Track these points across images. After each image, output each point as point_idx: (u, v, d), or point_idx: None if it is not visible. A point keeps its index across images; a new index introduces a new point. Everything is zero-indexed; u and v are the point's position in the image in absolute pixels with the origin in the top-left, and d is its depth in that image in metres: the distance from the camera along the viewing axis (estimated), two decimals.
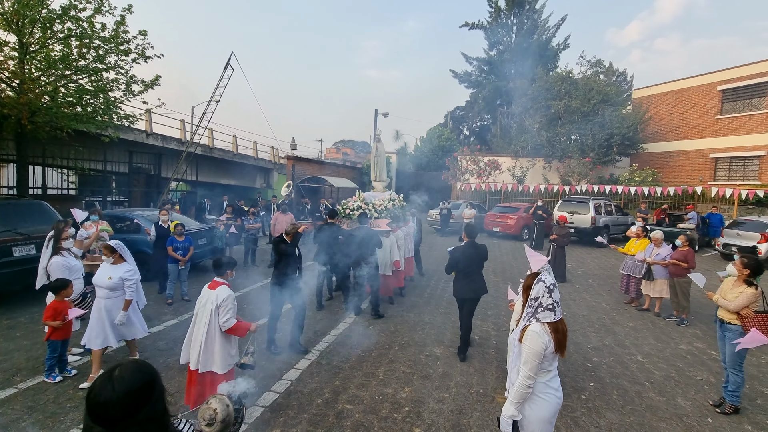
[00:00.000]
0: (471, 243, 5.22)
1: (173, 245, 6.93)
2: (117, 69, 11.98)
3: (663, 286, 7.09)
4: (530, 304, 2.54)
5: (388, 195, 8.70)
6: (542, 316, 2.46)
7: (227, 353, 3.63)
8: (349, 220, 7.83)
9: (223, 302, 3.52)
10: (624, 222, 16.24)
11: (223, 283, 3.66)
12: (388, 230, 7.43)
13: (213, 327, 3.54)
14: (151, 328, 5.88)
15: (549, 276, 2.52)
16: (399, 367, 4.86)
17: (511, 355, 2.69)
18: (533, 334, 2.43)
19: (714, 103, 19.43)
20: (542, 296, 2.49)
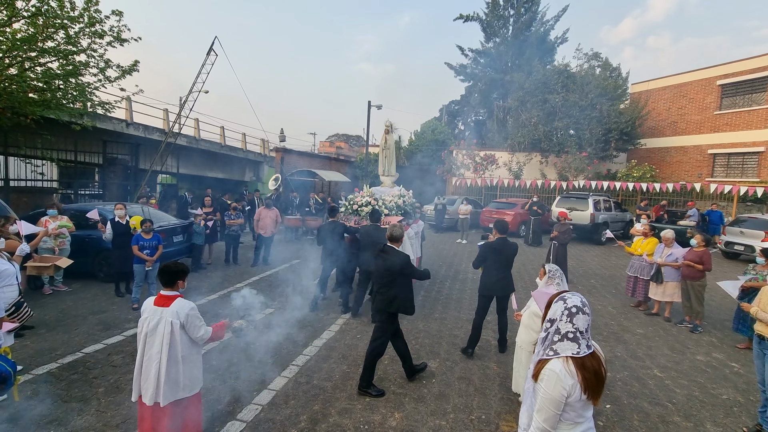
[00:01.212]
0: (502, 239, 5.07)
1: (139, 244, 6.22)
2: (90, 52, 11.12)
3: (674, 289, 6.57)
4: (546, 327, 1.94)
5: (397, 190, 8.11)
6: (561, 347, 1.85)
7: (196, 368, 3.09)
8: (357, 216, 7.28)
9: (188, 317, 2.95)
10: (623, 219, 15.81)
11: (176, 296, 3.05)
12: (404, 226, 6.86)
13: (175, 351, 2.93)
14: (108, 338, 5.21)
15: (574, 297, 1.92)
16: (389, 387, 4.25)
17: (525, 395, 2.08)
18: (551, 375, 1.81)
19: (713, 98, 19.02)
20: (560, 320, 1.88)
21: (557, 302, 1.92)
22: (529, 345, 3.70)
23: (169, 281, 3.08)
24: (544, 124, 20.69)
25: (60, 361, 4.58)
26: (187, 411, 3.08)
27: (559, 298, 1.93)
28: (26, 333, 5.26)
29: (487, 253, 5.01)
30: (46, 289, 6.85)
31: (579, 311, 1.86)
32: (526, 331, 3.78)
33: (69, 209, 8.09)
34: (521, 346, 3.83)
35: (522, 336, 3.85)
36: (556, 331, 1.87)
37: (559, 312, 1.88)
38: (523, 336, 3.82)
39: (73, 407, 3.72)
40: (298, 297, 7.11)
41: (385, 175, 8.69)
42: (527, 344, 3.74)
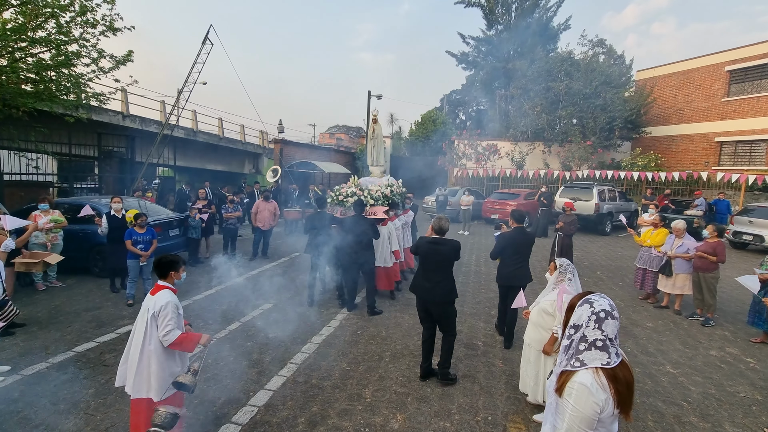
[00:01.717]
0: (519, 229, 5.08)
1: (132, 238, 6.03)
2: (82, 42, 10.83)
3: (685, 281, 6.36)
4: (569, 334, 1.72)
5: (385, 180, 7.93)
6: (588, 357, 1.64)
7: (168, 373, 2.87)
8: (343, 207, 7.13)
9: (162, 310, 2.81)
10: (628, 209, 15.54)
11: (165, 287, 2.96)
12: (384, 218, 6.71)
13: (148, 342, 2.83)
14: (101, 336, 5.05)
15: (602, 299, 1.70)
16: (390, 386, 4.08)
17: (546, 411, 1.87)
18: (581, 389, 1.60)
19: (721, 85, 18.59)
20: (586, 326, 1.66)
21: (582, 305, 1.70)
22: (538, 343, 3.51)
23: (162, 272, 3.02)
24: (548, 113, 20.32)
25: (50, 360, 4.42)
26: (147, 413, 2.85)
27: (584, 300, 1.72)
28: (17, 331, 5.11)
29: (505, 244, 4.99)
30: (40, 285, 6.69)
31: (608, 316, 1.65)
32: (535, 329, 3.58)
33: (62, 203, 7.91)
34: (529, 344, 3.64)
35: (530, 334, 3.65)
36: (582, 339, 1.66)
37: (585, 317, 1.67)
38: (532, 334, 3.63)
39: (61, 410, 3.56)
40: (297, 291, 6.94)
41: (373, 165, 8.50)
42: (536, 342, 3.54)
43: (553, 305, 3.39)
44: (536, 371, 3.53)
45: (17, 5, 9.80)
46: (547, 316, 3.43)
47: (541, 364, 3.49)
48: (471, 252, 10.68)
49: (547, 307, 3.42)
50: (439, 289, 4.02)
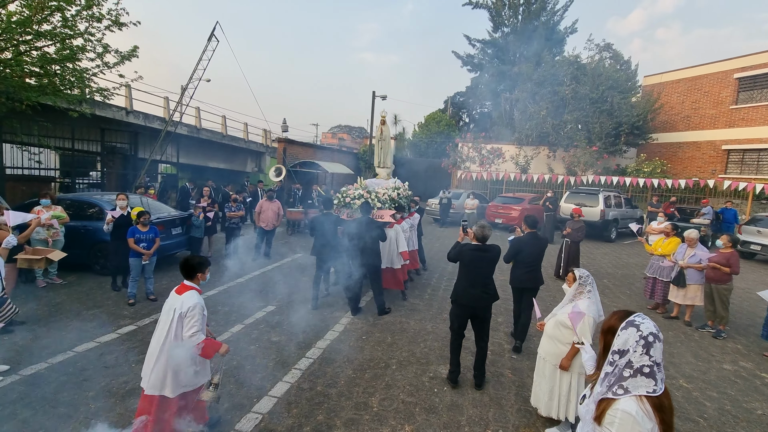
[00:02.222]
0: (533, 234, 5.29)
1: (135, 236, 5.93)
2: (87, 36, 10.75)
3: (696, 292, 6.24)
4: (612, 360, 1.61)
5: (392, 183, 7.87)
6: (633, 385, 1.54)
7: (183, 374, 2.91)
8: (349, 209, 7.06)
9: (189, 311, 2.87)
10: (633, 216, 15.42)
11: (192, 288, 3.02)
12: (390, 221, 6.66)
13: (170, 340, 2.88)
14: (102, 336, 4.95)
15: (647, 321, 1.60)
16: (398, 395, 3.97)
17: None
18: (626, 418, 1.49)
19: (729, 92, 18.46)
20: (633, 351, 1.56)
21: (627, 329, 1.59)
22: (555, 357, 3.37)
23: (188, 274, 3.06)
24: (553, 117, 20.21)
25: (50, 361, 4.33)
26: (167, 412, 2.91)
27: (628, 323, 1.60)
28: (16, 329, 5.01)
29: (518, 248, 5.15)
30: (40, 282, 6.60)
31: (656, 339, 1.54)
32: (551, 343, 3.44)
33: (65, 199, 7.82)
34: (544, 357, 3.49)
35: (546, 347, 3.51)
36: (628, 365, 1.55)
37: (632, 342, 1.56)
38: (547, 347, 3.48)
39: (60, 413, 3.46)
40: (301, 294, 6.84)
41: (380, 166, 8.46)
42: (552, 356, 3.40)
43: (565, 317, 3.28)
44: (551, 386, 3.39)
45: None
46: (564, 329, 3.30)
47: (557, 380, 3.35)
48: None
49: (565, 320, 3.29)
50: (487, 294, 4.12)
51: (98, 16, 10.82)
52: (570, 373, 3.27)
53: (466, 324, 4.20)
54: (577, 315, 2.95)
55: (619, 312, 1.74)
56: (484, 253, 4.15)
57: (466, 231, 4.48)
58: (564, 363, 3.26)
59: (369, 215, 6.19)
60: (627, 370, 1.56)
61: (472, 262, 4.14)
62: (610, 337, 1.66)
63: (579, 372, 3.27)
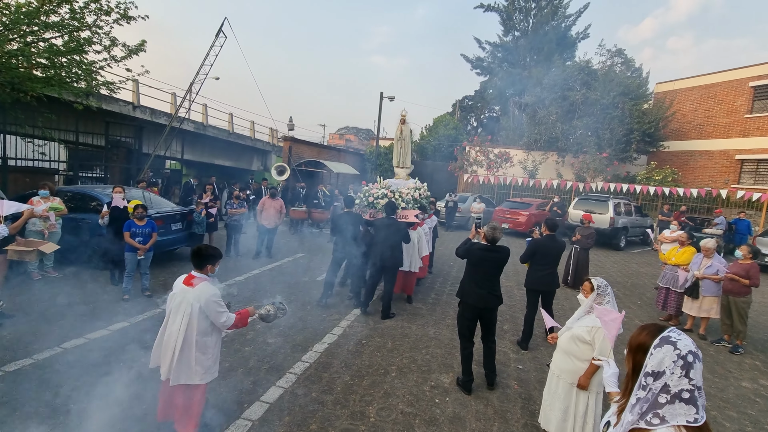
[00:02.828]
0: (551, 236, 5.40)
1: (131, 230, 5.78)
2: (95, 29, 10.70)
3: (712, 304, 5.96)
4: (645, 384, 1.38)
5: (412, 183, 7.72)
6: (671, 413, 1.31)
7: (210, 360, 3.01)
8: (373, 209, 6.97)
9: (208, 304, 2.89)
10: (643, 224, 15.07)
11: (203, 279, 3.01)
12: (415, 222, 6.51)
13: (191, 334, 2.92)
14: (92, 332, 4.78)
15: (683, 337, 1.38)
16: (396, 404, 3.75)
17: None
18: None
19: (744, 101, 18.07)
20: (669, 373, 1.34)
21: (662, 347, 1.37)
22: (571, 375, 3.11)
23: (199, 264, 3.04)
24: (563, 122, 19.92)
25: (36, 357, 4.16)
26: (192, 399, 2.99)
27: (663, 340, 1.38)
28: (5, 322, 4.85)
29: (535, 249, 5.26)
30: (35, 274, 6.46)
31: (695, 359, 1.32)
32: (566, 358, 3.18)
33: (65, 191, 7.71)
34: (558, 375, 3.23)
35: (559, 363, 3.23)
36: (664, 390, 1.33)
37: (669, 362, 1.33)
38: (561, 363, 3.21)
39: (42, 413, 3.28)
40: (301, 295, 6.65)
41: (399, 166, 8.26)
42: (568, 374, 3.13)
43: (590, 332, 3.00)
44: (565, 406, 3.13)
45: None
46: (582, 344, 3.05)
47: (572, 399, 3.09)
48: None
49: (582, 333, 3.04)
50: (493, 295, 4.07)
51: (107, 9, 10.77)
52: (587, 392, 3.02)
53: (475, 328, 4.11)
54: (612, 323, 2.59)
55: (649, 326, 1.51)
56: (493, 254, 4.08)
57: (479, 229, 4.35)
58: (582, 381, 2.99)
59: (394, 215, 6.08)
60: (663, 396, 1.34)
61: (480, 262, 4.06)
62: (641, 356, 1.44)
63: (597, 391, 3.02)
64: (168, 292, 3.12)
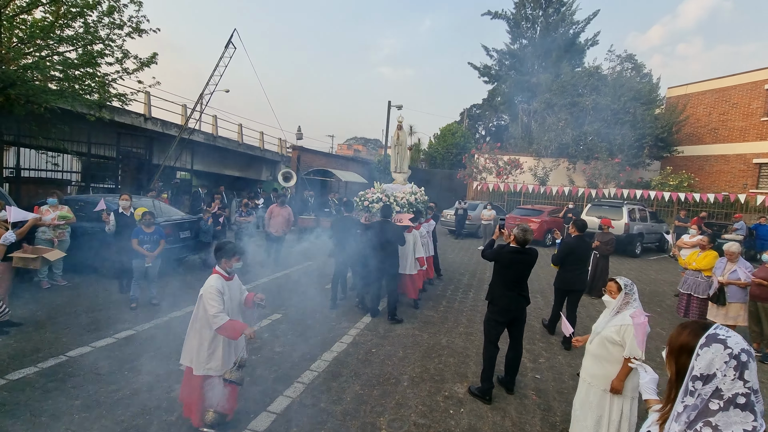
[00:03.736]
0: (580, 237, 5.57)
1: (139, 237, 5.74)
2: (108, 42, 10.91)
3: (739, 311, 5.67)
4: (693, 389, 1.23)
5: (409, 188, 7.81)
6: (725, 421, 1.16)
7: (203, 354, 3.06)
8: (368, 213, 7.04)
9: (205, 293, 3.00)
10: (659, 230, 14.70)
11: (218, 273, 3.16)
12: (409, 226, 6.53)
13: (194, 318, 3.11)
14: (98, 340, 4.70)
15: (732, 334, 1.23)
16: (409, 415, 3.58)
17: None
18: None
19: (760, 104, 17.69)
20: (721, 375, 1.18)
21: (710, 346, 1.21)
22: (603, 380, 2.91)
23: (216, 258, 3.19)
24: (573, 128, 19.70)
25: (40, 365, 4.08)
26: (195, 388, 3.06)
27: (711, 339, 1.23)
28: (11, 330, 4.81)
29: (568, 250, 5.43)
30: (45, 282, 6.45)
31: (750, 358, 1.17)
32: (597, 364, 2.96)
33: (73, 200, 7.75)
34: (590, 382, 3.01)
35: (590, 368, 3.02)
36: (716, 395, 1.18)
37: (720, 362, 1.18)
38: (592, 368, 3.00)
39: (42, 423, 3.19)
40: (309, 303, 6.52)
41: (397, 171, 8.39)
42: (600, 380, 2.92)
43: (620, 331, 2.82)
44: (598, 416, 2.91)
45: (47, 2, 9.92)
46: (612, 345, 2.86)
47: (606, 407, 2.88)
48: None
49: (612, 334, 2.86)
50: (523, 298, 4.04)
51: (119, 23, 11.00)
52: (622, 397, 2.82)
53: (503, 332, 4.05)
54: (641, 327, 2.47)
55: (690, 324, 1.36)
56: (524, 256, 4.02)
57: (503, 230, 4.31)
58: (616, 384, 2.80)
59: (390, 218, 6.10)
60: (715, 402, 1.18)
61: (510, 265, 4.01)
62: (685, 358, 1.28)
63: (632, 396, 2.83)
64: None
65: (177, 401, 3.56)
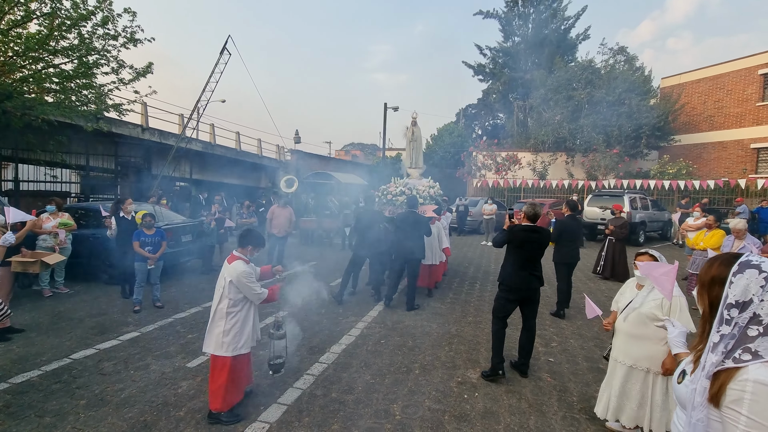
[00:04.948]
0: (572, 216, 6.32)
1: (140, 239, 5.67)
2: (103, 53, 10.92)
3: None
4: (729, 317, 1.17)
5: (426, 182, 7.93)
6: (765, 346, 1.10)
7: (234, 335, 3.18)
8: (393, 206, 7.23)
9: (239, 279, 3.14)
10: (661, 218, 14.65)
11: (240, 258, 3.27)
12: (434, 217, 6.62)
13: (222, 306, 3.18)
14: (102, 343, 4.63)
15: (765, 260, 1.17)
16: (423, 401, 3.50)
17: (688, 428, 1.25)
18: (762, 391, 1.05)
19: (755, 89, 17.73)
20: (758, 300, 1.13)
21: (743, 272, 1.16)
22: (646, 362, 2.71)
23: (242, 242, 3.33)
24: (569, 122, 19.71)
25: (44, 368, 4.00)
26: (220, 371, 3.12)
27: (743, 265, 1.17)
28: (14, 337, 4.73)
29: (563, 228, 6.16)
30: (46, 291, 6.37)
31: None
32: (638, 343, 2.75)
33: (73, 207, 7.70)
34: (631, 364, 2.79)
35: (629, 349, 2.80)
36: (754, 320, 1.12)
37: (756, 287, 1.13)
38: (632, 349, 2.78)
39: (46, 423, 3.11)
40: (315, 301, 6.44)
41: (412, 167, 8.43)
42: (642, 361, 2.73)
43: (663, 306, 2.62)
44: (641, 398, 2.76)
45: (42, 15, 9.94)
46: (652, 322, 2.64)
47: (649, 387, 2.72)
48: (497, 262, 10.04)
49: (653, 311, 2.63)
50: (534, 276, 4.00)
51: (114, 33, 11.01)
52: (666, 378, 2.66)
53: (512, 311, 4.05)
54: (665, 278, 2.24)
55: (720, 256, 1.30)
56: (536, 234, 3.99)
57: (512, 219, 4.22)
58: (670, 364, 2.55)
59: (416, 210, 6.18)
60: (753, 328, 1.12)
61: (522, 244, 3.96)
62: (718, 289, 1.22)
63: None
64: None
65: (186, 397, 3.50)
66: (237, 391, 3.23)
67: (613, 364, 2.95)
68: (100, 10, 10.34)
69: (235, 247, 3.40)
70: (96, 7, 10.23)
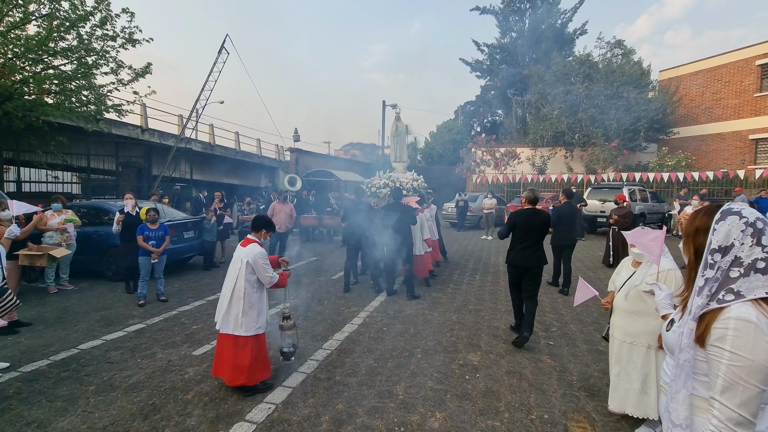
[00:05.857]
0: (568, 203, 6.80)
1: (144, 234, 5.74)
2: (102, 53, 11.00)
3: None
4: (712, 262, 1.23)
5: (410, 175, 8.01)
6: (747, 286, 1.17)
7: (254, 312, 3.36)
8: (377, 198, 7.36)
9: (255, 260, 3.33)
10: (660, 210, 14.70)
11: (254, 241, 3.48)
12: (417, 207, 6.74)
13: (239, 286, 3.33)
14: (108, 334, 4.70)
15: (746, 207, 1.24)
16: (425, 382, 3.57)
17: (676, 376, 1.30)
18: (744, 327, 1.11)
19: (752, 80, 17.77)
20: (739, 244, 1.19)
21: (725, 219, 1.22)
22: (646, 337, 2.71)
23: (256, 226, 3.57)
24: (567, 117, 19.75)
25: (52, 358, 4.07)
26: (242, 350, 3.27)
27: (724, 213, 1.23)
28: (22, 330, 4.81)
29: (558, 214, 6.57)
30: (52, 287, 6.45)
31: (765, 224, 1.18)
32: (637, 320, 2.76)
33: (78, 205, 7.77)
34: (631, 341, 2.78)
35: (628, 327, 2.81)
36: (735, 263, 1.19)
37: (737, 232, 1.19)
38: (631, 326, 2.79)
39: (57, 407, 3.18)
40: (317, 293, 6.52)
41: (396, 161, 8.51)
42: (642, 337, 2.73)
43: (661, 279, 2.60)
44: (645, 374, 2.73)
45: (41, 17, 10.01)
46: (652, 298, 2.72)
47: (652, 363, 2.71)
48: (498, 254, 10.10)
49: (648, 286, 2.59)
50: (536, 255, 4.42)
51: (112, 35, 11.08)
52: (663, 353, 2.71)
53: (520, 282, 4.51)
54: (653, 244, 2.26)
55: (703, 208, 1.36)
56: (536, 217, 4.46)
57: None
58: None
59: (400, 200, 6.33)
60: (735, 270, 1.19)
61: (524, 225, 4.43)
62: (702, 237, 1.28)
63: None
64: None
65: (193, 381, 3.57)
66: (263, 367, 3.41)
67: (615, 343, 2.93)
68: (99, 10, 10.42)
69: (236, 244, 3.57)
70: (94, 8, 10.31)
